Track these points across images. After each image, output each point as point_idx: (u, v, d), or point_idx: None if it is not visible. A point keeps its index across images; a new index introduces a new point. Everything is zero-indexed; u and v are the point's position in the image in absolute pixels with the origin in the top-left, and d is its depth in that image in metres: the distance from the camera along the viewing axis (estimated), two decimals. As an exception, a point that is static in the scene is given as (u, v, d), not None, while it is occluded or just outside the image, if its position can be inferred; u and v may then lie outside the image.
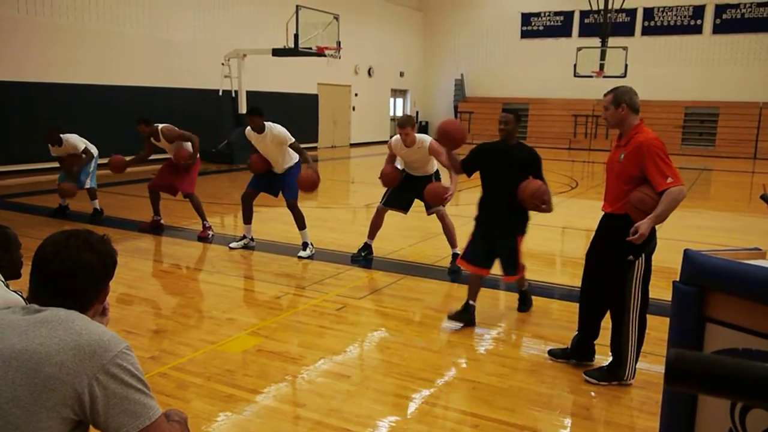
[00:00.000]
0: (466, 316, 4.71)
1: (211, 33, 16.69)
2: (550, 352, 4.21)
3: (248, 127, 6.69)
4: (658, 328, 4.73)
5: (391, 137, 6.51)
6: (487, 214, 4.77)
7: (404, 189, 6.46)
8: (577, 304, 4.08)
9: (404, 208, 6.58)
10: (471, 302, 4.74)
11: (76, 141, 8.23)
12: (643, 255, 3.67)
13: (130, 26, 14.76)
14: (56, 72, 13.25)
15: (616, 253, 3.70)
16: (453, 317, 4.73)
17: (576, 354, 4.09)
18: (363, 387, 3.73)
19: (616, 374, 3.80)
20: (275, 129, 6.63)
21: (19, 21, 12.56)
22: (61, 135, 8.12)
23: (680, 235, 8.23)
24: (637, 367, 3.81)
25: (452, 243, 6.39)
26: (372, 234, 6.67)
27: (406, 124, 6.09)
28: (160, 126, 7.49)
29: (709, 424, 2.14)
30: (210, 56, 15.97)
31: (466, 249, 4.86)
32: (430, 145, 6.13)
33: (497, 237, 4.74)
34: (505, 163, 4.67)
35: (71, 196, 8.20)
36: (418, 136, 6.19)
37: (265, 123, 6.60)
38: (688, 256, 2.19)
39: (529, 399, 3.60)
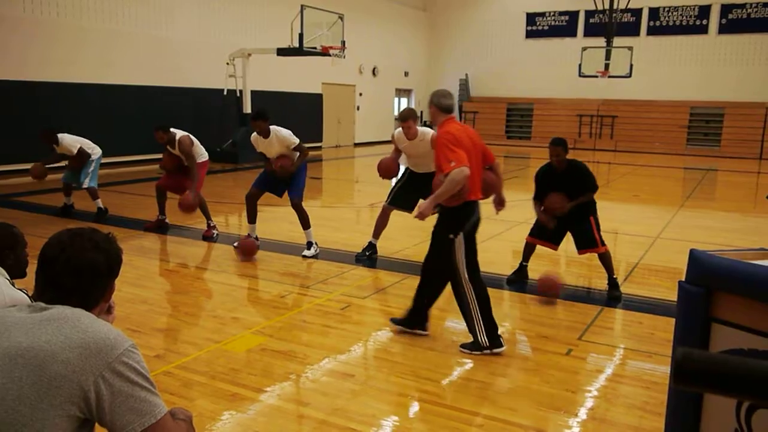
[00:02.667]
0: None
1: (215, 32, 16.72)
2: (393, 320, 4.61)
3: (254, 134, 6.68)
4: (663, 328, 4.73)
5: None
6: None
7: (410, 188, 6.45)
8: (579, 303, 4.13)
9: (410, 208, 6.56)
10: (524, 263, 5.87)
11: (71, 142, 8.23)
12: (462, 233, 4.16)
13: (134, 25, 14.79)
14: (58, 71, 13.27)
15: (438, 232, 4.25)
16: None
17: (413, 322, 4.51)
18: (367, 386, 3.73)
19: (478, 345, 4.22)
20: (280, 133, 6.64)
21: (20, 20, 12.59)
22: (58, 135, 8.14)
23: (686, 236, 8.22)
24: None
25: None
26: (377, 233, 6.67)
27: (407, 117, 6.07)
28: (179, 135, 7.41)
29: (715, 425, 2.14)
30: (215, 56, 16.00)
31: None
32: (432, 138, 6.11)
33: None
34: (562, 184, 5.44)
35: (40, 177, 8.19)
36: (420, 129, 6.17)
37: (271, 127, 6.62)
38: (694, 256, 2.18)
39: (533, 399, 3.59)
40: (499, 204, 4.79)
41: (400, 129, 6.20)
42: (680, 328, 2.23)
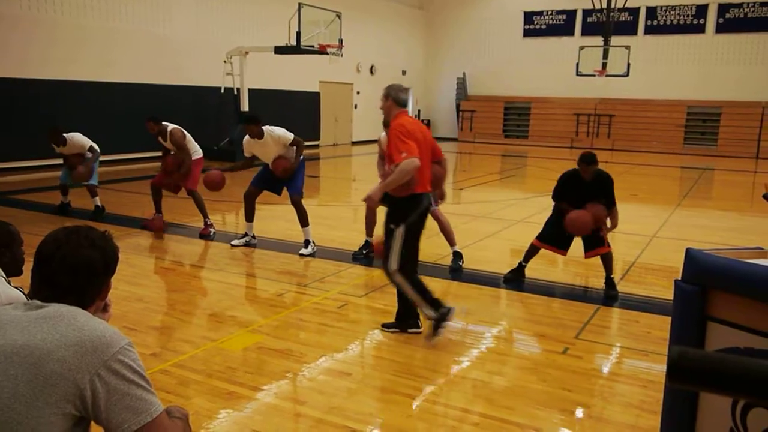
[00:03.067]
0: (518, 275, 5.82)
1: (213, 30, 16.70)
2: (385, 325, 4.63)
3: (246, 137, 6.68)
4: (659, 327, 4.74)
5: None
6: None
7: None
8: (576, 302, 4.14)
9: None
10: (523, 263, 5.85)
11: (82, 140, 8.21)
12: (403, 225, 4.27)
13: (132, 23, 14.76)
14: (57, 69, 13.25)
15: (385, 223, 4.37)
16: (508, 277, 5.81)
17: (405, 324, 4.58)
18: (364, 384, 3.73)
19: (429, 316, 4.34)
20: (274, 132, 6.63)
21: (19, 18, 12.57)
22: (65, 134, 8.12)
23: (682, 234, 8.23)
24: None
25: (451, 241, 6.37)
26: (369, 231, 6.66)
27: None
28: (170, 127, 7.42)
29: (711, 423, 2.14)
30: (212, 53, 15.97)
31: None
32: None
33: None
34: (587, 193, 5.48)
35: (86, 179, 8.20)
36: None
37: (263, 128, 6.61)
38: (690, 254, 2.19)
39: (529, 397, 3.60)
40: (440, 197, 5.26)
41: (385, 133, 6.18)
42: (676, 326, 2.23)
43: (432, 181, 4.60)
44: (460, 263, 6.30)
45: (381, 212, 6.64)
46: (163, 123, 7.44)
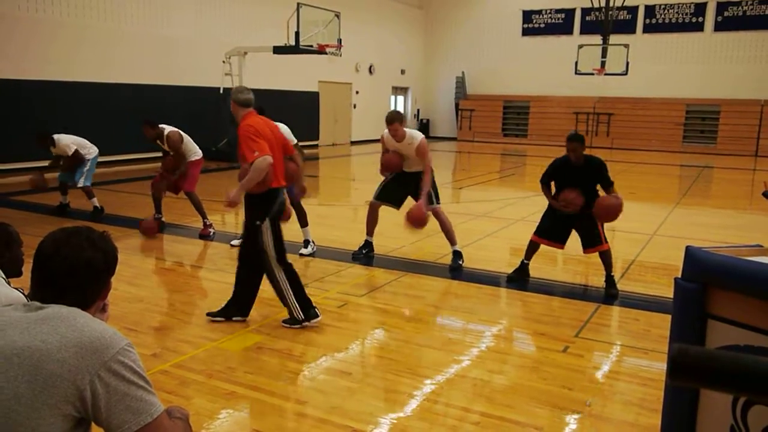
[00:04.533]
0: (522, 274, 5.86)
1: (212, 30, 16.69)
2: (210, 314, 4.70)
3: None
4: (659, 325, 4.74)
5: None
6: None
7: (397, 184, 6.44)
8: (576, 300, 4.15)
9: (396, 203, 6.56)
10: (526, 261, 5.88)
11: (67, 143, 8.20)
12: (267, 219, 4.44)
13: (131, 23, 14.76)
14: (56, 69, 13.24)
15: (248, 221, 4.53)
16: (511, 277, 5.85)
17: (230, 311, 4.68)
18: (364, 384, 3.73)
19: (295, 320, 4.51)
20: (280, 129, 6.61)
21: (19, 18, 12.56)
22: (54, 136, 8.13)
23: (682, 232, 8.23)
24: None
25: (451, 240, 6.37)
26: (370, 230, 6.66)
27: (393, 120, 6.06)
28: (167, 130, 7.41)
29: (711, 421, 2.14)
30: (211, 54, 15.96)
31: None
32: (419, 145, 6.09)
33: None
34: (578, 178, 5.47)
35: (42, 188, 8.22)
36: (409, 131, 6.16)
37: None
38: (689, 252, 2.19)
39: (530, 396, 3.60)
40: (301, 191, 5.58)
41: (388, 131, 6.19)
42: (676, 324, 2.24)
43: (287, 176, 4.80)
44: (460, 262, 6.30)
45: (383, 211, 6.68)
46: (161, 126, 7.43)
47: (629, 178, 14.59)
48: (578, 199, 5.40)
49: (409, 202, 6.44)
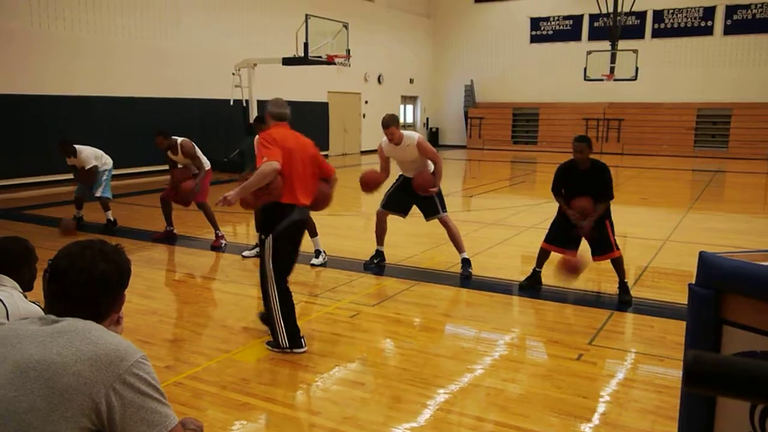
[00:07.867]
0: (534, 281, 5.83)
1: (221, 43, 16.82)
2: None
3: (256, 137, 6.69)
4: (674, 331, 4.70)
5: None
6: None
7: (402, 192, 6.44)
8: (589, 307, 4.10)
9: (403, 211, 6.55)
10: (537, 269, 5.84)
11: (88, 156, 8.24)
12: (271, 235, 4.21)
13: (141, 37, 14.91)
14: (70, 84, 13.39)
15: (258, 233, 4.45)
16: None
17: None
18: (377, 394, 3.72)
19: (278, 344, 4.29)
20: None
21: (33, 35, 12.70)
22: (76, 147, 8.18)
23: (695, 238, 8.18)
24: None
25: (459, 248, 6.36)
26: (380, 240, 6.66)
27: (389, 124, 6.06)
28: (180, 140, 7.47)
29: (729, 429, 2.12)
30: (221, 66, 16.08)
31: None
32: (418, 142, 6.11)
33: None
34: (586, 183, 5.45)
35: (71, 233, 7.73)
36: (406, 133, 6.18)
37: None
38: (703, 258, 2.17)
39: (544, 405, 3.58)
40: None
41: (386, 138, 6.21)
42: (691, 331, 2.22)
43: (316, 198, 4.47)
44: (470, 270, 6.29)
45: (391, 221, 6.68)
46: (172, 137, 7.49)
47: (640, 184, 14.52)
48: (591, 208, 5.37)
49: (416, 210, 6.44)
